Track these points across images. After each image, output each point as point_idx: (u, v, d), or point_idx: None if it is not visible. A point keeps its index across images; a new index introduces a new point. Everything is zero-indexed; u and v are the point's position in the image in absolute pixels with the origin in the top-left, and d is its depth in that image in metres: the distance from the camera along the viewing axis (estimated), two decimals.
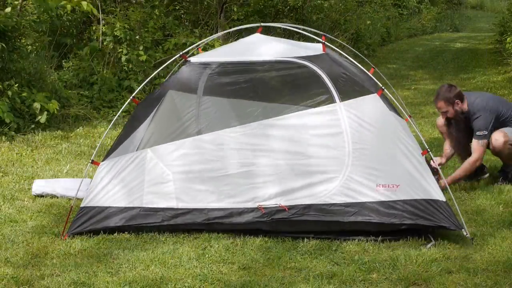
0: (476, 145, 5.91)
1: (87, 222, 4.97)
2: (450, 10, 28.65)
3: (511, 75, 12.97)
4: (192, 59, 5.23)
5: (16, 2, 9.46)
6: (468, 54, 17.82)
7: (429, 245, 4.69)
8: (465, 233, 4.70)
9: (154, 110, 5.07)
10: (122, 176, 5.00)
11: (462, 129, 6.03)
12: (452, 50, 19.08)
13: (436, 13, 26.02)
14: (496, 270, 4.33)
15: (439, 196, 4.73)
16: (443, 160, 6.27)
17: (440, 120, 6.56)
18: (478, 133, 5.91)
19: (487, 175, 6.41)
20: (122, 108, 5.75)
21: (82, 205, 5.02)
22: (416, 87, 12.56)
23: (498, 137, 5.91)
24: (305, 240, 4.83)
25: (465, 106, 5.98)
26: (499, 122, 5.98)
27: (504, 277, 4.22)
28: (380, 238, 4.79)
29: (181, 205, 4.96)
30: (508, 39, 13.64)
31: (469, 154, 6.05)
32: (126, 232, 4.97)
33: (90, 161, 5.23)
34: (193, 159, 5.00)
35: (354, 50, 7.29)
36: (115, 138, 5.39)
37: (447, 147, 6.33)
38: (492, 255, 4.57)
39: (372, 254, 4.61)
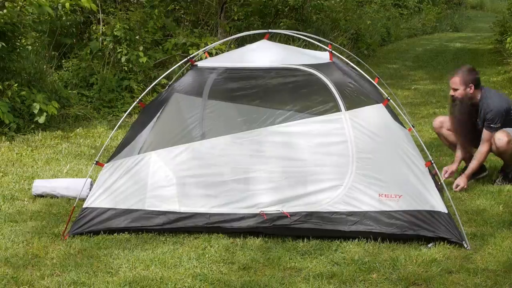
0: (488, 136, 5.97)
1: (88, 223, 4.96)
2: (450, 10, 28.66)
3: (511, 75, 12.97)
4: (199, 64, 5.22)
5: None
6: (468, 54, 17.82)
7: (430, 245, 4.69)
8: (465, 246, 4.67)
9: (159, 113, 5.07)
10: (126, 178, 4.99)
11: (464, 112, 6.02)
12: (452, 50, 19.07)
13: (436, 13, 26.03)
14: (496, 270, 4.33)
15: (441, 207, 4.72)
16: (455, 166, 6.25)
17: (436, 122, 6.53)
18: (492, 125, 5.95)
19: (486, 173, 6.41)
20: (128, 111, 5.65)
21: (84, 205, 5.02)
22: (416, 87, 12.55)
23: (501, 137, 5.91)
24: (305, 240, 4.82)
25: (476, 95, 5.99)
26: (508, 119, 5.99)
27: (504, 277, 4.22)
28: (379, 238, 4.78)
29: (183, 209, 4.94)
30: (508, 39, 13.63)
31: (470, 138, 6.10)
32: (126, 232, 4.97)
33: (95, 162, 5.22)
34: (197, 164, 4.99)
35: (351, 54, 7.28)
36: (121, 140, 5.39)
37: (459, 154, 6.29)
38: (492, 255, 4.57)
39: (372, 254, 4.61)
